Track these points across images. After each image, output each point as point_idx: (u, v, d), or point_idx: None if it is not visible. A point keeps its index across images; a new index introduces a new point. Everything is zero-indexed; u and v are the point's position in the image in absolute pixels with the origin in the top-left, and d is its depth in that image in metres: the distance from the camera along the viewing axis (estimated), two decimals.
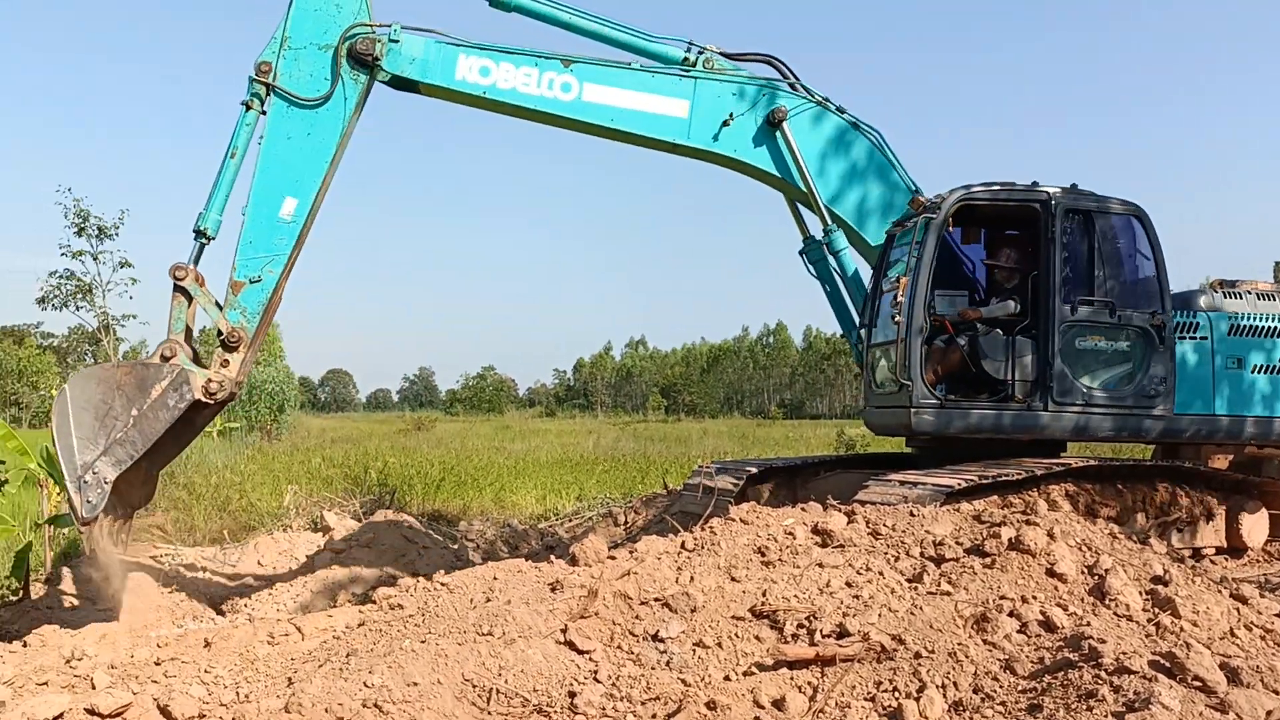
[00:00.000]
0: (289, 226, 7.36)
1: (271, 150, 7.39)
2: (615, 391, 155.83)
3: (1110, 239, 8.42)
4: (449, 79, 7.85)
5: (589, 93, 8.11)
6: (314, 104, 7.40)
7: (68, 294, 36.22)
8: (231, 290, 7.24)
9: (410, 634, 5.09)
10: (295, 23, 7.42)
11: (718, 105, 8.47)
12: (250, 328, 7.25)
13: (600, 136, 8.44)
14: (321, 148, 7.46)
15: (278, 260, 7.34)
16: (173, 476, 16.38)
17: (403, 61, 7.69)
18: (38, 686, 5.17)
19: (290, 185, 7.38)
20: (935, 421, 8.07)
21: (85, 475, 6.55)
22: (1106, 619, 4.90)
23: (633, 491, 15.71)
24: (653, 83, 8.31)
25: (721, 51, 8.70)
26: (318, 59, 7.46)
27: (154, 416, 6.70)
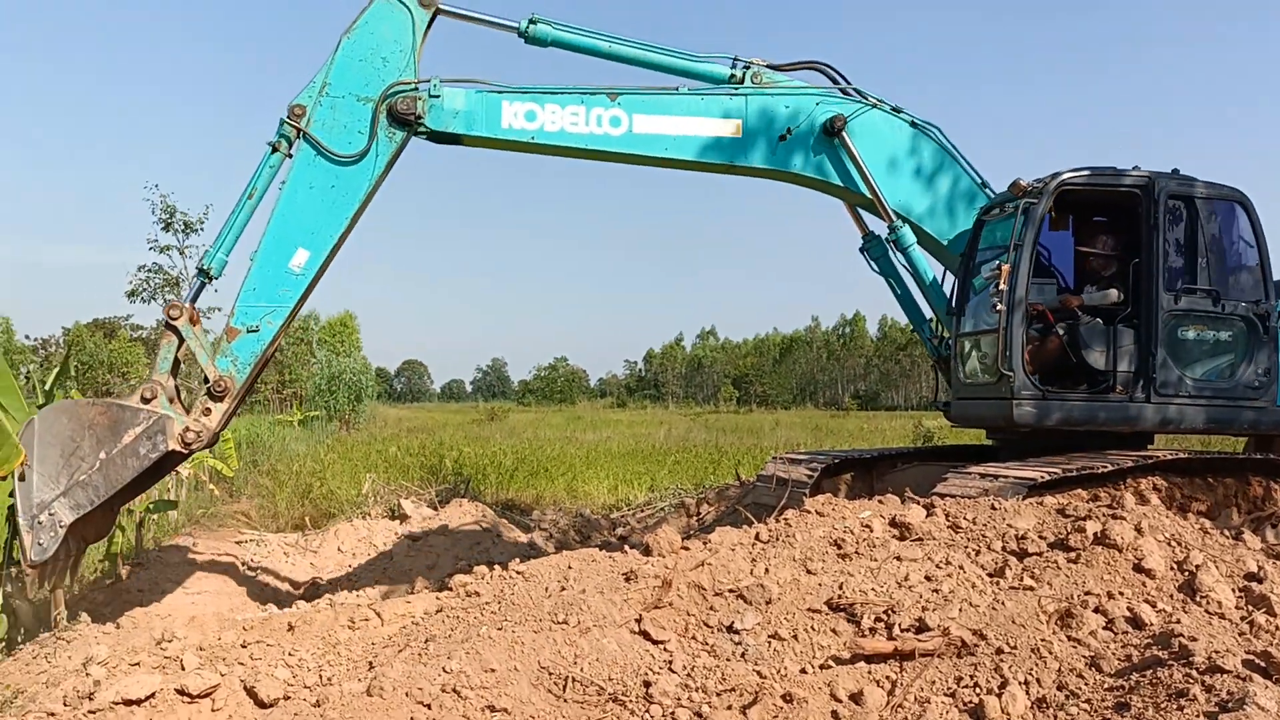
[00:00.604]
0: (297, 279, 7.06)
1: (292, 198, 7.11)
2: (686, 382, 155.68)
3: (1213, 226, 8.12)
4: (495, 129, 7.57)
5: (639, 124, 7.84)
6: (344, 161, 7.14)
7: (156, 287, 37.48)
8: (226, 336, 6.93)
9: (487, 621, 5.15)
10: (338, 71, 7.18)
11: (772, 121, 8.20)
12: (239, 378, 6.92)
13: (654, 166, 8.23)
14: (344, 202, 7.16)
15: (279, 312, 7.05)
16: (257, 465, 16.85)
17: (446, 116, 7.42)
18: (130, 667, 5.33)
19: (305, 237, 7.07)
20: (1037, 413, 7.86)
21: (40, 515, 6.26)
22: (1197, 616, 4.75)
23: (705, 482, 15.69)
24: (702, 105, 8.01)
25: (769, 64, 8.43)
26: (355, 111, 7.20)
27: (121, 463, 6.38)
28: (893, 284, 9.25)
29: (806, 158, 8.37)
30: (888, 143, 8.58)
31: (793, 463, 9.77)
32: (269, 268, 7.03)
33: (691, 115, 7.98)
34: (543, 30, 7.84)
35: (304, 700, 4.46)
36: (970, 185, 8.84)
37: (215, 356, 6.88)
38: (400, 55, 7.26)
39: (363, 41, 7.21)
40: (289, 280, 7.06)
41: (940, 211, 8.82)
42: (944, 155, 8.77)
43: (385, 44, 7.24)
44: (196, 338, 6.91)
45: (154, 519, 10.12)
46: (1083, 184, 8.06)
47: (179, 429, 6.55)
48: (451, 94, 7.47)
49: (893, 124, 8.60)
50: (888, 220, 8.66)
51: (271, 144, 7.12)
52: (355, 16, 7.22)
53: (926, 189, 8.76)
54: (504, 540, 11.07)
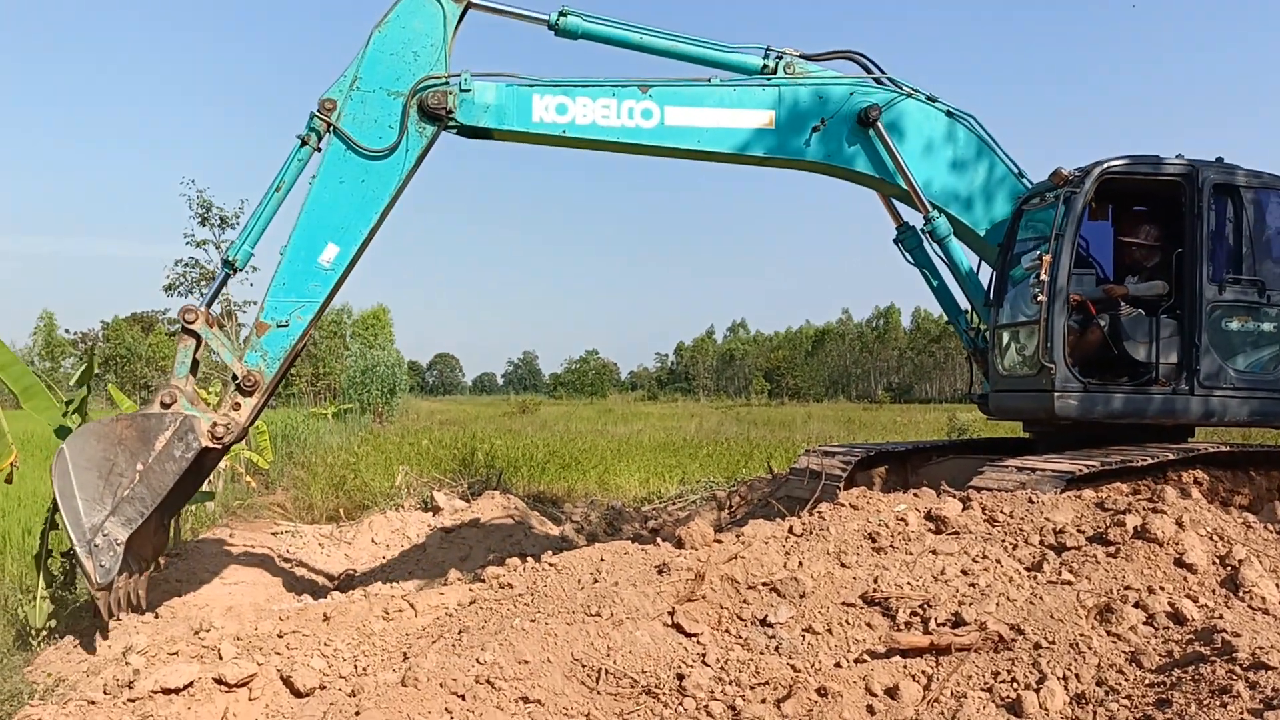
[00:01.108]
0: (326, 274, 7.04)
1: (321, 192, 7.06)
2: (717, 375, 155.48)
3: (1258, 215, 7.97)
4: (526, 122, 7.52)
5: (671, 116, 7.76)
6: (374, 155, 7.12)
7: (192, 281, 37.86)
8: (256, 331, 6.94)
9: (520, 613, 5.16)
10: (369, 64, 7.15)
11: (805, 112, 8.09)
12: (269, 373, 6.91)
13: (687, 159, 8.15)
14: (374, 197, 7.14)
15: (309, 306, 7.03)
16: (291, 457, 17.01)
17: (477, 110, 7.36)
18: (169, 656, 5.40)
19: (335, 231, 7.02)
20: (1078, 406, 7.74)
21: (95, 539, 6.26)
22: (1240, 612, 4.67)
23: (736, 475, 15.64)
24: (735, 97, 7.92)
25: (802, 54, 8.30)
26: (386, 105, 7.17)
27: (161, 469, 6.40)
28: (928, 275, 9.14)
29: (840, 149, 8.25)
30: (923, 133, 8.45)
31: (826, 455, 9.71)
32: (298, 263, 7.03)
33: (724, 107, 7.90)
34: (573, 23, 7.79)
35: (339, 690, 4.50)
36: (1007, 175, 8.71)
37: (245, 351, 6.90)
38: (431, 50, 7.24)
39: (394, 35, 7.20)
40: (318, 275, 7.06)
41: (977, 202, 8.70)
42: (980, 145, 8.64)
43: (417, 38, 7.22)
44: (217, 338, 6.94)
45: (192, 511, 10.24)
46: (1124, 173, 7.92)
47: (207, 425, 6.57)
48: (482, 88, 7.43)
49: (928, 113, 8.48)
50: (923, 211, 8.54)
51: (301, 137, 7.12)
52: (386, 10, 7.21)
53: (962, 179, 8.63)
54: (535, 532, 11.10)
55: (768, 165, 8.34)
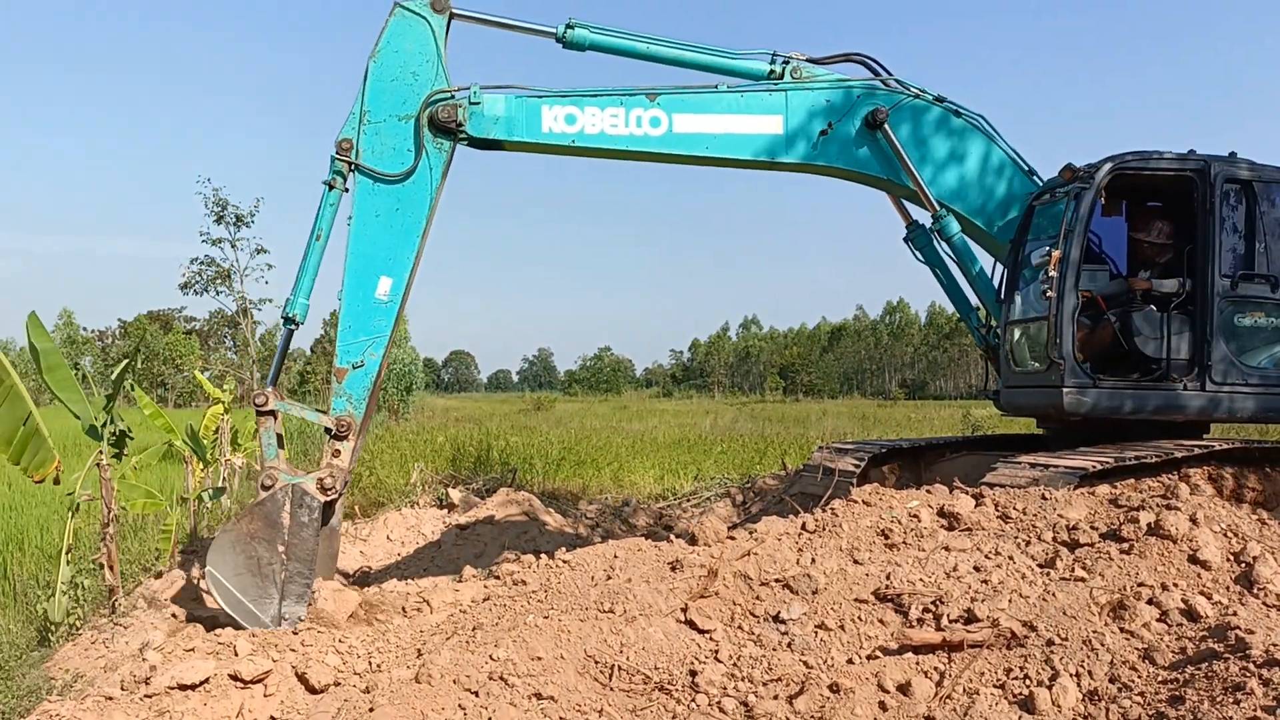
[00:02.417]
0: (387, 307, 7.16)
1: (361, 230, 7.13)
2: (732, 372, 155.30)
3: (1271, 210, 7.92)
4: (535, 133, 7.56)
5: (679, 123, 7.78)
6: (400, 179, 7.19)
7: (208, 279, 38.17)
8: (335, 378, 7.10)
9: (534, 609, 5.19)
10: (373, 95, 7.15)
11: (813, 116, 8.11)
12: (359, 413, 7.07)
13: (696, 165, 8.18)
14: (412, 222, 7.20)
15: (379, 342, 7.15)
16: (307, 454, 17.07)
17: (486, 123, 7.40)
18: (185, 652, 5.45)
19: (384, 264, 7.13)
20: (1088, 402, 7.73)
21: (283, 626, 6.50)
22: (1255, 609, 4.65)
23: (751, 472, 15.63)
24: (742, 103, 7.94)
25: (808, 58, 8.32)
26: (400, 131, 7.23)
27: (299, 540, 6.71)
28: (938, 273, 9.14)
29: (849, 152, 8.26)
30: (930, 133, 8.45)
31: (839, 452, 9.71)
32: (357, 303, 7.14)
33: (732, 113, 7.92)
34: (581, 35, 7.81)
35: (354, 686, 4.53)
36: (1016, 173, 8.69)
37: (332, 400, 7.09)
38: (429, 65, 7.26)
39: (389, 61, 7.22)
40: (379, 310, 7.17)
41: (986, 200, 8.69)
42: (989, 144, 8.62)
43: (412, 58, 7.24)
44: (293, 406, 7.22)
45: (208, 508, 10.32)
46: (1136, 168, 7.89)
47: (314, 484, 6.82)
48: (491, 100, 7.46)
49: (934, 114, 8.47)
50: (932, 211, 8.55)
51: (327, 182, 7.18)
52: (376, 39, 7.22)
53: (971, 178, 8.62)
54: (550, 530, 11.13)
55: (777, 170, 8.36)
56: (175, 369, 78.57)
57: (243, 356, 52.32)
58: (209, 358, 77.84)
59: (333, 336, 22.68)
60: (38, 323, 7.35)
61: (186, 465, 10.05)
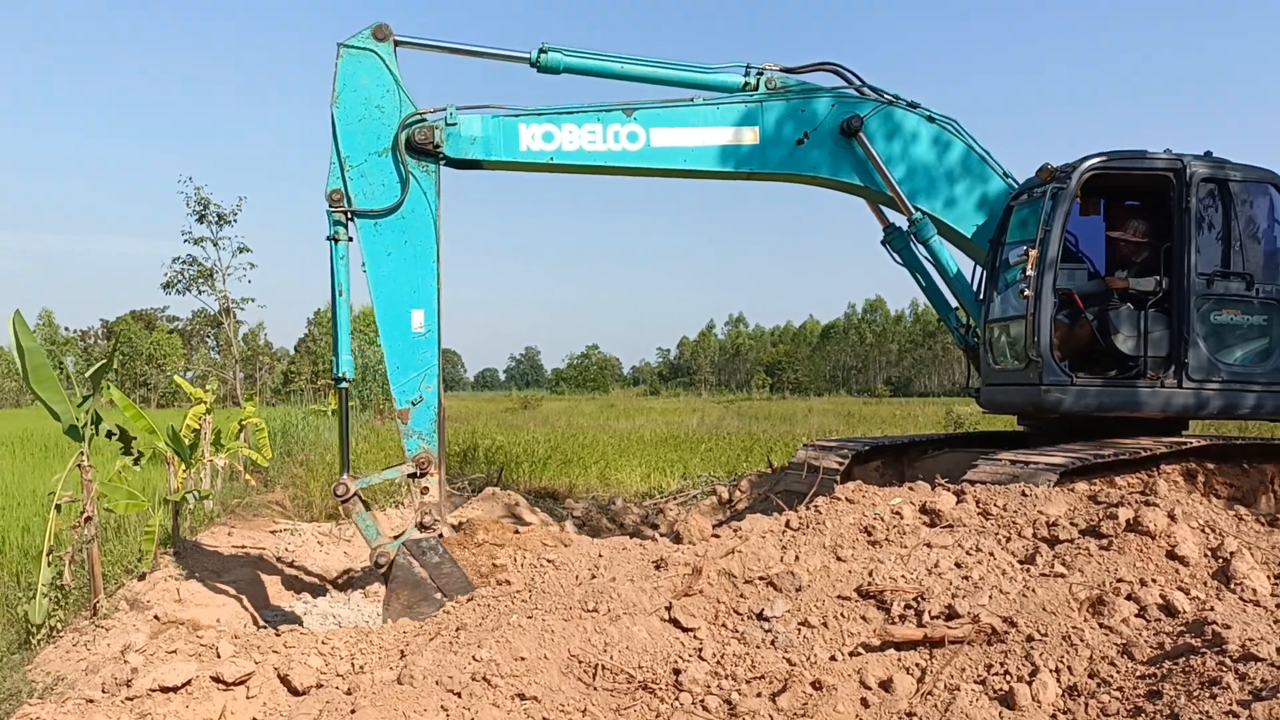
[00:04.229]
0: (426, 338, 7.21)
1: (378, 272, 7.17)
2: (719, 370, 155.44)
3: (1246, 209, 8.00)
4: (513, 152, 7.59)
5: (657, 138, 7.82)
6: (397, 210, 7.18)
7: (190, 278, 37.99)
8: (400, 420, 7.17)
9: (518, 609, 5.20)
10: (346, 141, 7.12)
11: (788, 126, 8.17)
12: (433, 446, 7.18)
13: (675, 178, 8.22)
14: (424, 250, 7.24)
15: (429, 373, 7.23)
16: (291, 455, 17.02)
17: (464, 144, 7.43)
18: (167, 655, 5.42)
19: (411, 298, 7.19)
20: (1066, 399, 7.80)
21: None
22: (1231, 604, 4.70)
23: (737, 469, 15.67)
24: (718, 115, 7.99)
25: (781, 68, 8.33)
26: (383, 166, 7.21)
27: (446, 575, 6.87)
28: (916, 275, 9.24)
29: (825, 160, 8.33)
30: (905, 139, 8.54)
31: (824, 450, 9.76)
32: (398, 342, 7.19)
33: (708, 126, 7.97)
34: (555, 59, 7.80)
35: (336, 688, 4.52)
36: (991, 175, 8.78)
37: (404, 443, 7.15)
38: (390, 95, 7.22)
39: (351, 102, 7.16)
40: (420, 343, 7.22)
41: (961, 203, 8.78)
42: (962, 148, 8.70)
43: (372, 93, 7.19)
44: (370, 477, 7.37)
45: (190, 508, 10.27)
46: (1112, 168, 7.96)
47: (419, 531, 6.99)
48: (468, 121, 7.46)
49: (909, 120, 8.55)
50: (908, 215, 8.63)
51: (330, 237, 7.16)
52: (331, 84, 7.15)
53: (946, 182, 8.71)
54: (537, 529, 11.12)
55: (756, 180, 8.40)
56: (158, 369, 78.21)
57: (225, 356, 52.09)
58: (191, 357, 77.47)
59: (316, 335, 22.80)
60: (23, 322, 7.30)
61: (169, 467, 10.00)
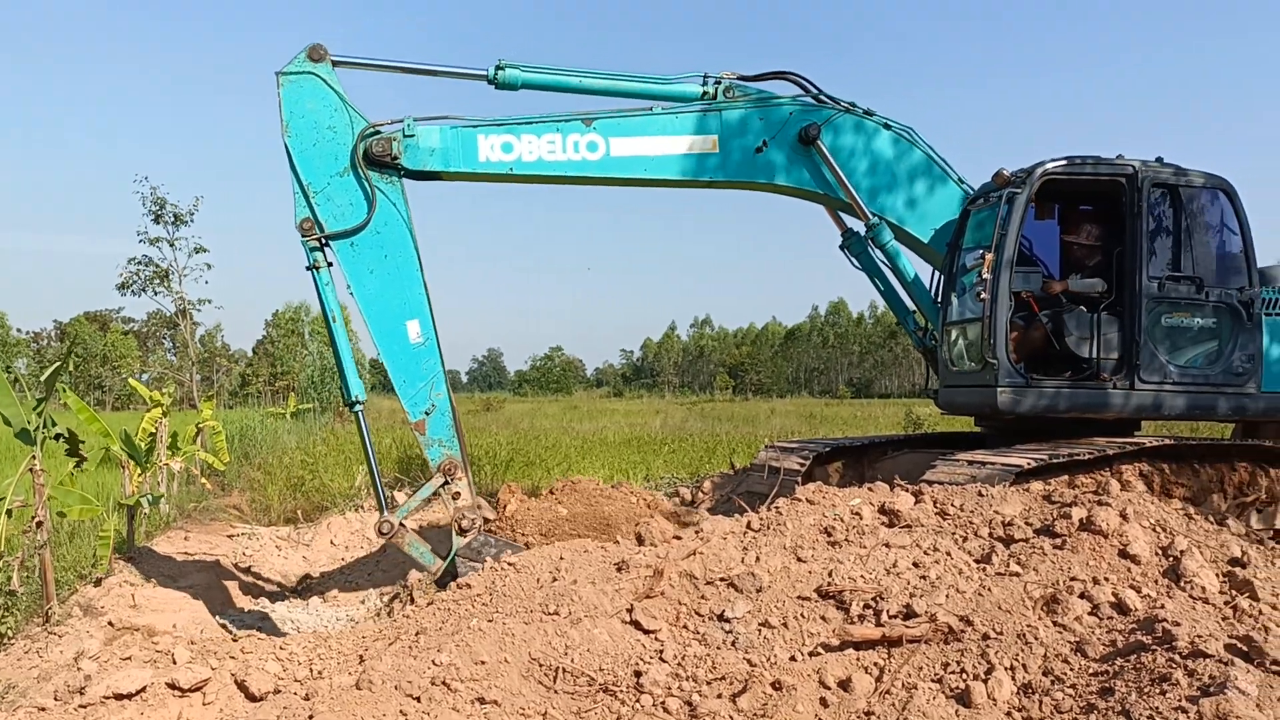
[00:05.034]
0: (426, 347, 7.22)
1: (364, 291, 7.18)
2: (682, 371, 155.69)
3: (1197, 213, 8.17)
4: (472, 163, 7.56)
5: (616, 147, 7.85)
6: (369, 226, 7.17)
7: (146, 279, 37.44)
8: (417, 431, 7.20)
9: (478, 613, 5.18)
10: (304, 167, 7.09)
11: (746, 134, 8.24)
12: (455, 451, 7.23)
13: (635, 187, 8.27)
14: (404, 261, 7.24)
15: (436, 381, 7.23)
16: (248, 458, 16.84)
17: (422, 155, 7.40)
18: (121, 661, 5.35)
19: (403, 310, 7.21)
20: (1021, 400, 7.92)
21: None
22: (1181, 601, 4.79)
23: (700, 471, 15.71)
24: (677, 124, 8.03)
25: (739, 76, 8.44)
26: (347, 186, 7.18)
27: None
28: (874, 279, 9.37)
29: (783, 168, 8.41)
30: (862, 146, 8.65)
31: (785, 451, 9.82)
32: (398, 356, 7.21)
33: (667, 134, 8.00)
34: (512, 75, 7.82)
35: (294, 694, 4.49)
36: (946, 181, 8.92)
37: (426, 453, 7.23)
38: (339, 114, 7.18)
39: (301, 128, 7.12)
40: (421, 353, 7.24)
41: (918, 210, 8.92)
42: (918, 154, 8.83)
43: (320, 116, 7.15)
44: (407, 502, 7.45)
45: (145, 513, 10.13)
46: (1066, 173, 8.10)
47: (463, 538, 7.13)
48: (426, 132, 7.42)
49: (865, 128, 8.66)
50: (866, 220, 8.73)
51: (310, 267, 7.14)
52: (280, 114, 7.09)
53: (903, 188, 8.84)
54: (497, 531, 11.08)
55: (716, 188, 8.47)
56: (113, 370, 77.00)
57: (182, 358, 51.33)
58: (147, 359, 76.31)
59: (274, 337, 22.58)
60: None
61: (124, 470, 9.87)
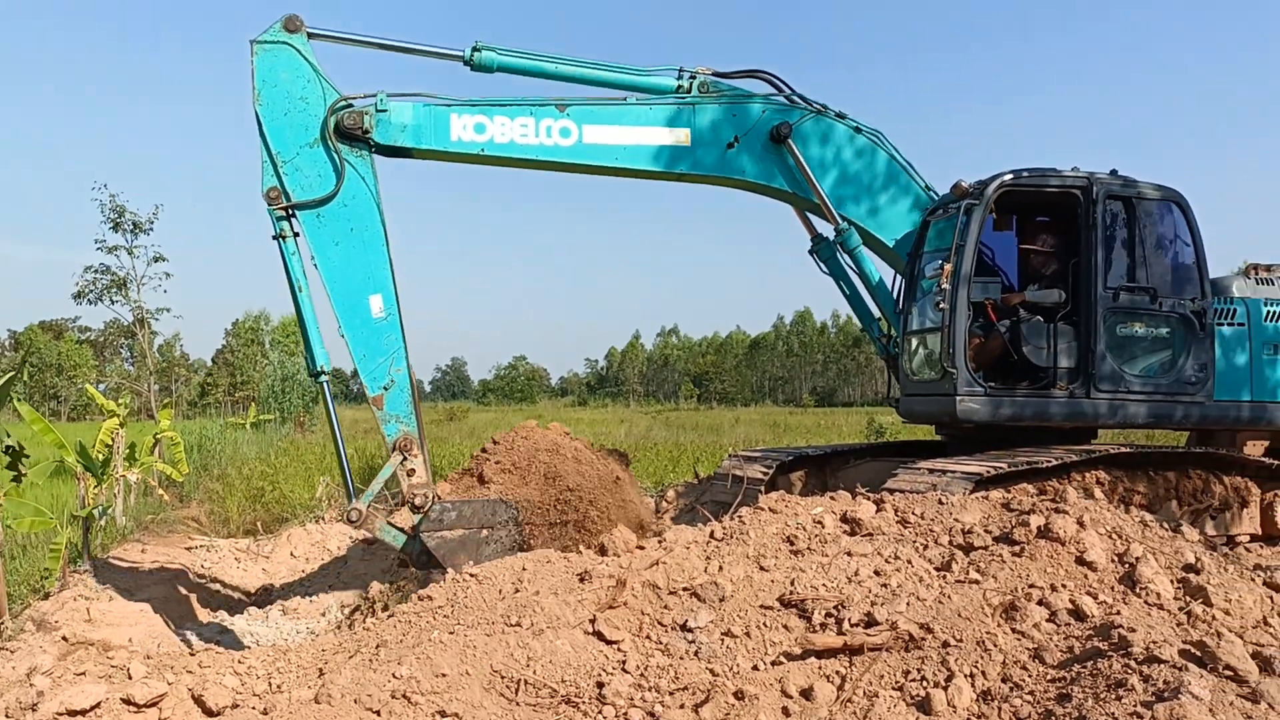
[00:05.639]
0: (388, 321, 7.16)
1: (329, 262, 7.11)
2: (647, 380, 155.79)
3: (1150, 225, 8.33)
4: (444, 142, 7.54)
5: (589, 134, 7.87)
6: (336, 196, 7.10)
7: (103, 288, 36.85)
8: (374, 406, 7.14)
9: (439, 625, 5.14)
10: (274, 136, 7.03)
11: (719, 129, 8.30)
12: (412, 428, 7.21)
13: (606, 175, 8.29)
14: (371, 235, 7.19)
15: (397, 356, 7.18)
16: (207, 469, 16.62)
17: (394, 130, 7.37)
18: (75, 676, 5.24)
19: (366, 284, 7.13)
20: (979, 409, 8.02)
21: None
22: (1137, 608, 4.86)
23: (664, 480, 15.72)
24: (651, 115, 8.08)
25: (715, 73, 8.50)
26: (316, 157, 7.13)
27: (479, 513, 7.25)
28: (841, 285, 9.42)
29: (754, 164, 8.47)
30: (832, 148, 8.72)
31: (748, 460, 9.85)
32: (359, 329, 7.12)
33: (640, 125, 8.05)
34: (488, 57, 7.80)
35: (252, 708, 4.42)
36: (913, 187, 9.02)
37: (383, 429, 7.19)
38: (312, 85, 7.14)
39: (272, 97, 7.07)
40: (382, 327, 7.16)
41: (884, 214, 8.99)
42: (887, 160, 8.92)
43: (293, 86, 7.11)
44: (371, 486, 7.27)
45: (101, 525, 9.97)
46: (1022, 185, 8.23)
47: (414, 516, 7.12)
48: (399, 108, 7.39)
49: (836, 130, 8.74)
50: (834, 224, 8.80)
51: (276, 235, 7.07)
52: (251, 83, 7.05)
53: (870, 193, 8.92)
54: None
55: (685, 181, 8.49)
56: (69, 380, 75.70)
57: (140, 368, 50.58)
58: (104, 369, 75.10)
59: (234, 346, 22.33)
60: None
61: (79, 482, 9.70)
